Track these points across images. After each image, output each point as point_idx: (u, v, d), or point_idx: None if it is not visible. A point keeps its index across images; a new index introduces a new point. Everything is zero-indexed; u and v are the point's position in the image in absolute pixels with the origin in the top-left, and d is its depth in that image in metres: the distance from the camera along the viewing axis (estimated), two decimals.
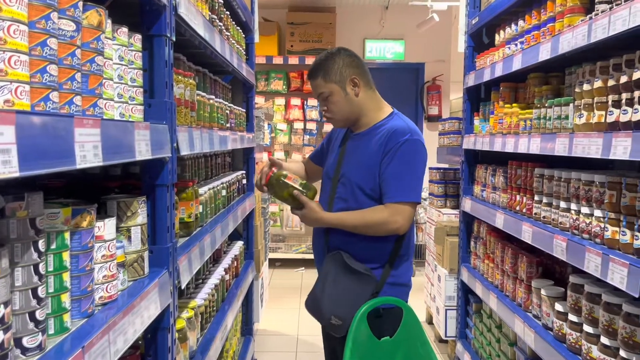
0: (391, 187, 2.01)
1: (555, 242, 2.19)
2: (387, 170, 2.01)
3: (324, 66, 2.08)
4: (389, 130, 2.07)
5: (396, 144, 2.02)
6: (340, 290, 1.99)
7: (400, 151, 2.01)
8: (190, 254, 1.84)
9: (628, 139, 1.69)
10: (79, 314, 1.15)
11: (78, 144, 0.97)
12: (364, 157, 2.08)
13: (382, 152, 2.04)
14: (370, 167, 2.05)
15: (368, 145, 2.10)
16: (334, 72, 2.07)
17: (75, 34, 1.08)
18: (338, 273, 2.02)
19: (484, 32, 3.59)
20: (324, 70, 2.08)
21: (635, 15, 1.65)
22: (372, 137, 2.10)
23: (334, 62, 2.08)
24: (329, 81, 2.07)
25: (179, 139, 1.69)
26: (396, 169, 2.00)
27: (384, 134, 2.07)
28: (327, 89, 2.07)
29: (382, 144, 2.05)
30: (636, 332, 1.73)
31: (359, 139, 2.15)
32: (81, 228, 1.15)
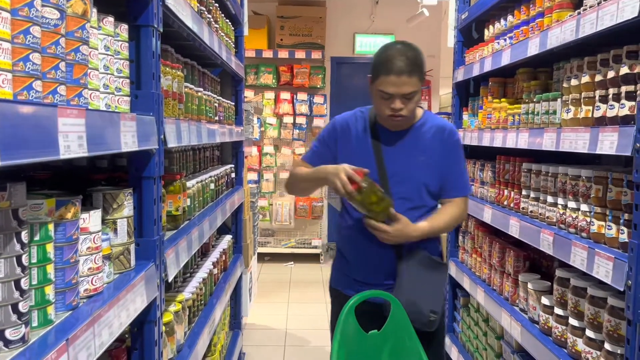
0: (459, 183, 2.11)
1: (542, 236, 2.21)
2: (453, 167, 2.09)
3: (420, 64, 1.97)
4: (440, 127, 2.10)
5: (455, 142, 2.11)
6: (431, 286, 2.03)
7: (459, 148, 2.12)
8: (177, 247, 1.83)
9: (614, 134, 1.71)
10: (64, 307, 1.14)
11: (62, 134, 0.96)
12: (426, 155, 2.06)
13: (443, 150, 2.07)
14: (435, 165, 2.06)
15: (422, 142, 2.07)
16: (423, 72, 2.00)
17: (59, 23, 1.06)
18: (426, 270, 2.03)
19: (474, 27, 3.60)
20: (420, 68, 1.96)
21: (622, 11, 1.66)
22: (422, 135, 2.08)
23: (422, 60, 1.99)
24: (421, 80, 1.97)
25: (166, 130, 1.68)
26: (459, 165, 2.12)
27: (437, 132, 2.09)
28: (417, 88, 1.97)
29: (442, 142, 2.08)
30: (621, 325, 1.75)
31: (404, 136, 2.08)
32: (65, 220, 1.13)
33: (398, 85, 1.92)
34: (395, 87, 1.93)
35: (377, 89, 1.98)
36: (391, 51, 1.96)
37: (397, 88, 1.93)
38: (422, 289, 2.00)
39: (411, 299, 1.98)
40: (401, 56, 1.93)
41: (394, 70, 1.91)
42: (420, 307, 1.99)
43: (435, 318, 2.01)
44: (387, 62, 1.93)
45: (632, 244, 1.61)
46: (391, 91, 1.93)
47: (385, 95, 1.95)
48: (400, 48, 1.97)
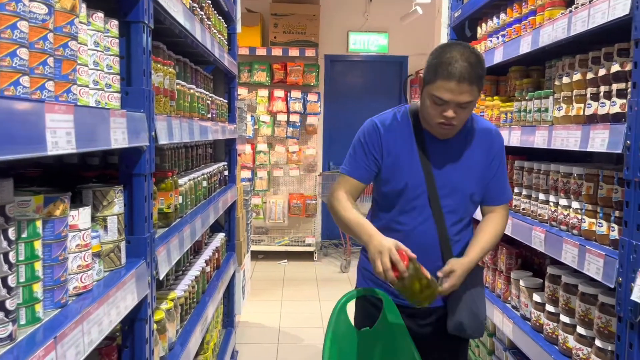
0: (504, 190, 2.00)
1: (534, 233, 2.22)
2: (498, 174, 1.97)
3: (483, 72, 1.79)
4: (486, 130, 1.96)
5: (501, 145, 1.98)
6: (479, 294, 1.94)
7: (504, 152, 2.00)
8: (169, 244, 1.83)
9: (605, 131, 1.71)
10: (52, 304, 1.13)
11: (49, 130, 0.95)
12: (473, 162, 1.92)
13: (490, 156, 1.94)
14: (481, 173, 1.93)
15: (469, 150, 1.93)
16: (483, 82, 1.82)
17: (47, 18, 1.05)
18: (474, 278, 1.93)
19: (467, 25, 3.60)
20: (480, 78, 1.78)
21: (614, 8, 1.67)
22: (469, 141, 1.93)
23: (483, 68, 1.80)
24: (479, 91, 1.80)
25: (157, 127, 1.67)
26: (504, 171, 2.00)
27: (483, 135, 1.95)
28: (475, 98, 1.79)
29: (488, 147, 1.94)
30: (611, 322, 1.76)
31: (452, 144, 1.92)
32: (54, 217, 1.12)
33: (456, 93, 1.74)
34: (453, 95, 1.74)
35: (431, 93, 1.79)
36: (454, 53, 1.75)
37: (454, 96, 1.74)
38: (477, 298, 1.91)
39: (474, 312, 1.88)
40: (464, 61, 1.73)
41: (455, 75, 1.72)
42: (480, 317, 1.90)
43: (485, 324, 1.95)
44: (448, 65, 1.73)
45: (623, 241, 1.61)
46: (447, 98, 1.75)
47: (439, 101, 1.77)
48: (464, 52, 1.76)
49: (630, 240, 1.58)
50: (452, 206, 1.91)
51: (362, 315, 2.05)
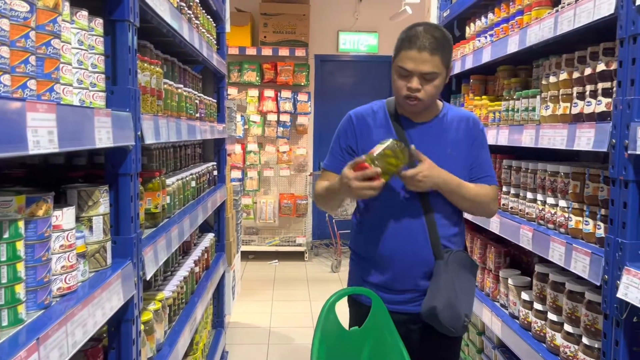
0: (488, 172, 1.98)
1: (522, 232, 2.23)
2: (481, 157, 1.97)
3: (446, 45, 1.83)
4: (464, 117, 1.98)
5: (481, 131, 1.99)
6: (466, 288, 1.91)
7: (485, 138, 2.01)
8: (156, 245, 1.81)
9: (591, 130, 1.72)
10: (35, 306, 1.12)
11: (31, 128, 0.94)
12: (452, 147, 1.94)
13: (470, 140, 1.96)
14: (462, 158, 1.94)
15: (447, 134, 1.95)
16: (448, 55, 1.85)
17: (29, 16, 1.04)
18: (463, 271, 1.91)
19: (455, 25, 3.62)
20: (444, 49, 1.82)
21: (599, 8, 1.68)
22: (446, 126, 1.96)
23: (449, 43, 1.85)
24: (443, 63, 1.82)
25: (143, 127, 1.66)
26: (487, 155, 2.00)
27: (461, 122, 1.97)
28: (439, 69, 1.81)
29: (467, 132, 1.96)
30: (598, 319, 1.77)
31: (430, 128, 1.95)
32: (37, 217, 1.11)
33: (418, 61, 1.79)
34: (415, 64, 1.80)
35: (396, 66, 1.86)
36: (417, 27, 1.84)
37: (416, 65, 1.80)
38: (461, 291, 1.87)
39: (451, 301, 1.83)
40: (427, 33, 1.81)
41: (416, 45, 1.79)
42: (458, 310, 1.84)
43: (467, 323, 1.89)
44: (410, 37, 1.82)
45: (609, 239, 1.62)
46: (409, 67, 1.81)
47: (404, 72, 1.83)
48: (427, 26, 1.85)
49: (615, 238, 1.59)
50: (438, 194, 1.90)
51: (354, 316, 2.05)
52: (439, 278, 1.86)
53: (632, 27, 1.52)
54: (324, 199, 2.02)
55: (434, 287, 1.87)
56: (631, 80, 1.53)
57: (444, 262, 1.88)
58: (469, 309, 1.90)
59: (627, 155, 1.53)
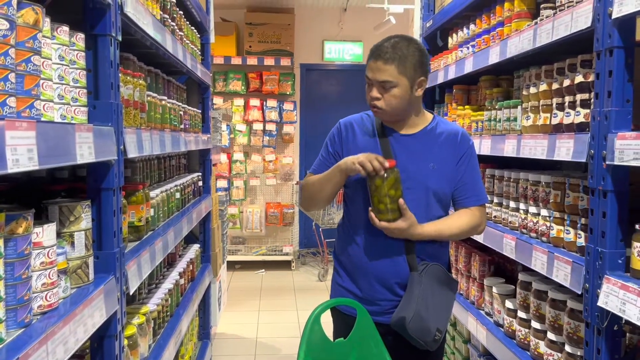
0: (475, 190, 1.95)
1: (505, 241, 2.25)
2: (467, 175, 1.94)
3: (402, 55, 1.82)
4: (453, 132, 1.96)
5: (469, 147, 1.97)
6: (440, 303, 1.89)
7: (472, 155, 1.98)
8: (139, 258, 1.80)
9: (570, 141, 1.75)
10: (15, 324, 1.11)
11: (9, 147, 0.94)
12: (437, 162, 1.91)
13: (456, 156, 1.94)
14: (448, 173, 1.92)
15: (433, 148, 1.93)
16: (412, 66, 1.83)
17: (8, 33, 1.04)
18: (439, 286, 1.90)
19: (438, 35, 3.65)
20: (401, 60, 1.81)
21: (576, 21, 1.71)
22: (432, 140, 1.94)
23: (412, 54, 1.84)
24: (401, 72, 1.82)
25: (126, 141, 1.65)
26: (474, 172, 1.97)
27: (449, 137, 1.95)
28: (395, 80, 1.82)
29: (455, 148, 1.94)
30: (580, 327, 1.79)
31: (414, 140, 1.94)
32: (17, 235, 1.10)
33: (375, 70, 1.84)
34: (372, 73, 1.85)
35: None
36: (384, 40, 1.88)
37: (373, 73, 1.84)
38: (433, 305, 1.85)
39: (420, 314, 1.82)
40: (387, 43, 1.84)
41: (373, 54, 1.85)
42: (428, 323, 1.83)
43: (440, 338, 1.87)
44: (373, 48, 1.87)
45: (589, 248, 1.65)
46: (369, 76, 1.87)
47: (367, 81, 1.89)
48: (396, 39, 1.87)
49: (595, 247, 1.61)
50: (411, 201, 1.87)
51: (339, 326, 2.05)
52: (412, 290, 1.87)
53: (609, 40, 1.56)
54: (313, 187, 2.01)
55: (406, 298, 1.88)
56: (608, 92, 1.56)
57: (418, 274, 1.88)
58: (443, 324, 1.88)
59: (605, 166, 1.56)
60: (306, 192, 2.06)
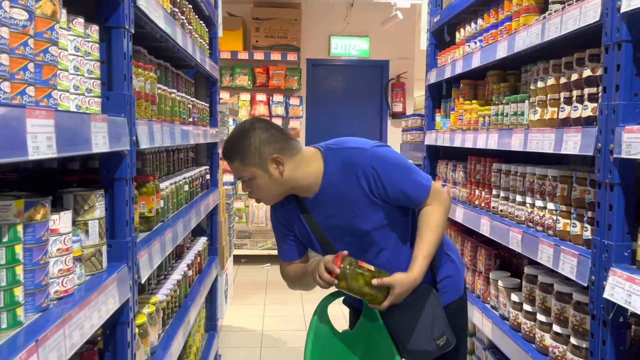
0: (413, 189, 1.83)
1: (512, 234, 2.26)
2: (391, 187, 1.80)
3: (239, 148, 1.77)
4: (348, 166, 1.81)
5: (370, 167, 1.79)
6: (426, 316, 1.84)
7: (385, 163, 1.81)
8: (150, 248, 1.83)
9: (578, 135, 1.76)
10: (33, 308, 1.13)
11: (30, 134, 0.96)
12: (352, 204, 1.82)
13: (364, 185, 1.79)
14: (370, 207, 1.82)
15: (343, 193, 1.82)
16: (252, 155, 1.76)
17: (27, 24, 1.06)
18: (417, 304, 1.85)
19: (446, 30, 3.66)
20: (240, 153, 1.77)
21: (585, 15, 1.72)
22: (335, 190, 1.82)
23: (249, 143, 1.76)
24: (247, 165, 1.77)
25: (138, 132, 1.68)
26: (398, 178, 1.81)
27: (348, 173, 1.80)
28: (248, 173, 1.79)
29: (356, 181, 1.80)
30: (585, 320, 1.80)
31: (324, 197, 1.84)
32: (35, 221, 1.13)
33: (233, 170, 1.84)
34: (234, 173, 1.86)
35: None
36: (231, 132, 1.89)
37: (234, 173, 1.85)
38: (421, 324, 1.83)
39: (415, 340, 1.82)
40: (228, 139, 1.84)
41: (223, 154, 1.87)
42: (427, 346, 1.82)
43: (446, 339, 1.83)
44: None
45: (595, 241, 1.66)
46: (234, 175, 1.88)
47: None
48: (235, 130, 1.85)
49: (602, 240, 1.63)
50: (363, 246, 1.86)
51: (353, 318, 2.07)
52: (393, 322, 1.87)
53: (617, 34, 1.56)
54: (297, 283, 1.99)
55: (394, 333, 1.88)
56: (616, 85, 1.57)
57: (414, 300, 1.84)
58: (439, 327, 1.85)
59: (612, 159, 1.57)
60: (290, 283, 2.03)
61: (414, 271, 1.77)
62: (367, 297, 1.75)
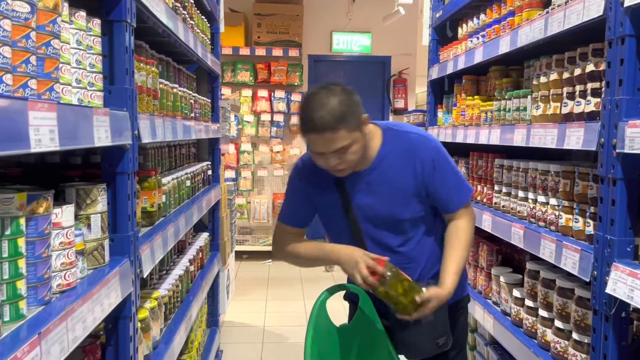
0: (454, 193, 1.84)
1: (514, 230, 2.26)
2: (439, 184, 1.81)
3: (344, 113, 1.65)
4: (407, 149, 1.81)
5: (430, 157, 1.80)
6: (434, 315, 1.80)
7: (440, 157, 1.83)
8: (152, 243, 1.83)
9: (581, 130, 1.76)
10: (36, 301, 1.14)
11: (33, 127, 0.96)
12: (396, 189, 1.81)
13: (418, 174, 1.80)
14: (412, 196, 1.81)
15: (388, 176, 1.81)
16: (356, 117, 1.68)
17: (30, 16, 1.06)
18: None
19: (448, 26, 3.65)
20: (345, 118, 1.65)
21: (588, 10, 1.71)
22: (387, 169, 1.81)
23: (349, 104, 1.68)
24: (352, 130, 1.67)
25: (140, 126, 1.68)
26: (447, 174, 1.83)
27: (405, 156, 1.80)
28: (350, 139, 1.67)
29: (412, 168, 1.80)
30: (587, 315, 1.80)
31: (368, 176, 1.82)
32: (37, 214, 1.13)
33: (324, 143, 1.66)
34: (322, 146, 1.67)
35: (308, 147, 1.75)
36: (310, 103, 1.68)
37: (324, 146, 1.67)
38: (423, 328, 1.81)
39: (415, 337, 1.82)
40: (320, 109, 1.64)
41: (316, 128, 1.65)
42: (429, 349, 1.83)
43: (445, 339, 1.84)
44: (307, 119, 1.67)
45: (598, 236, 1.66)
46: (319, 150, 1.70)
47: (316, 153, 1.73)
48: (321, 98, 1.67)
49: (604, 235, 1.62)
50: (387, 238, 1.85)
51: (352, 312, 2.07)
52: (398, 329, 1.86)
53: (620, 28, 1.56)
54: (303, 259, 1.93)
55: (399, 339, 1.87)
56: (619, 80, 1.57)
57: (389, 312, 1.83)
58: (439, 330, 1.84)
59: (615, 154, 1.56)
60: (289, 259, 1.97)
61: (448, 286, 1.76)
62: (399, 306, 1.73)
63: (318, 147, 1.70)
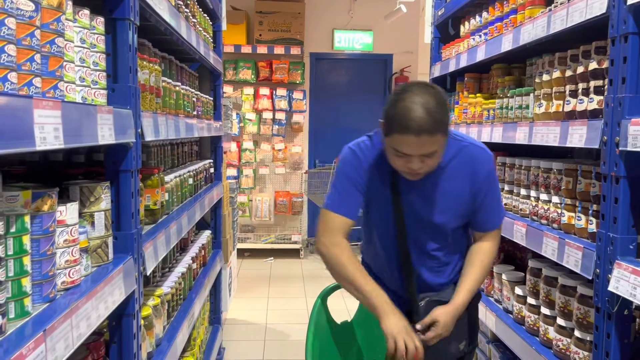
0: (494, 214, 1.84)
1: (516, 228, 2.26)
2: (486, 202, 1.80)
3: (444, 116, 1.60)
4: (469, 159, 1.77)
5: (488, 172, 1.79)
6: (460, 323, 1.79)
7: (493, 177, 1.82)
8: (155, 240, 1.84)
9: (583, 127, 1.76)
10: (41, 299, 1.14)
11: (37, 125, 0.96)
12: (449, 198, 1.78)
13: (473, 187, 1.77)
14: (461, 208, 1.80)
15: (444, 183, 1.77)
16: (448, 121, 1.65)
17: (34, 15, 1.06)
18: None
19: (450, 23, 3.65)
20: (443, 122, 1.59)
21: (591, 7, 1.71)
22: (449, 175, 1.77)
23: (446, 107, 1.63)
24: (445, 134, 1.62)
25: (143, 124, 1.68)
26: (494, 196, 1.82)
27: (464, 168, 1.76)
28: (441, 145, 1.62)
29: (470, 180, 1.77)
30: (590, 313, 1.81)
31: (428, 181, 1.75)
32: (42, 212, 1.13)
33: (417, 145, 1.58)
34: (414, 149, 1.59)
35: (391, 147, 1.64)
36: (409, 102, 1.58)
37: (415, 149, 1.59)
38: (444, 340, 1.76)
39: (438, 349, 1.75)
40: (421, 109, 1.55)
41: (414, 129, 1.55)
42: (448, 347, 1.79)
43: (466, 343, 1.83)
44: (404, 117, 1.56)
45: (600, 234, 1.66)
46: (408, 152, 1.61)
47: (401, 154, 1.63)
48: (420, 97, 1.58)
49: (607, 233, 1.62)
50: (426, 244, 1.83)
51: None
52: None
53: (624, 26, 1.56)
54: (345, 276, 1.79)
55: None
56: (622, 78, 1.57)
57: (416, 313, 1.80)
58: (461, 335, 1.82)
59: (618, 152, 1.57)
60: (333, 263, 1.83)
61: (456, 302, 1.75)
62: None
63: (407, 149, 1.60)
